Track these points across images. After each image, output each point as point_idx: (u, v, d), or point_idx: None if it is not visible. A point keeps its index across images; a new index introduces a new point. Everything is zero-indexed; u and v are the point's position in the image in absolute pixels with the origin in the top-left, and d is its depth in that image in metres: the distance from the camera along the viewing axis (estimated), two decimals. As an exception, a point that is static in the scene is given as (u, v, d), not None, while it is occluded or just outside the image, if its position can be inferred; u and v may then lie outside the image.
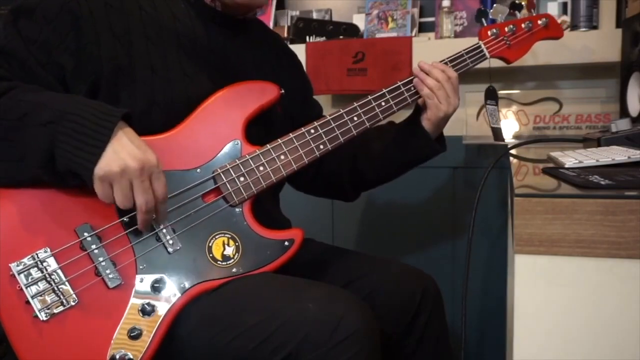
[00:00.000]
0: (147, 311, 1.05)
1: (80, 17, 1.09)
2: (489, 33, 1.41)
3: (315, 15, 2.26)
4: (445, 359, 1.33)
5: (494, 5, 1.62)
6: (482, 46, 1.39)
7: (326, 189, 1.52)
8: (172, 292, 1.07)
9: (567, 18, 1.86)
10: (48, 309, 1.02)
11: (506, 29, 1.42)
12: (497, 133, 1.60)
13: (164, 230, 1.09)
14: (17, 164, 1.02)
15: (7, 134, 1.01)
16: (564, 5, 1.90)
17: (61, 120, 0.98)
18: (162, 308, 1.05)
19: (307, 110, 1.44)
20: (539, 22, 1.45)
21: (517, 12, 1.69)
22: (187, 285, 1.08)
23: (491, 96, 1.62)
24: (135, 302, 1.05)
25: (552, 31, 1.47)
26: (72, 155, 0.97)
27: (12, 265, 1.02)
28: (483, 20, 1.61)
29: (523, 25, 1.44)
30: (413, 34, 2.08)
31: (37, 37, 1.07)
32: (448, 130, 1.84)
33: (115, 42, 1.11)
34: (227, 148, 1.15)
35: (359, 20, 2.17)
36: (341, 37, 2.11)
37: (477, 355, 2.06)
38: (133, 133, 1.02)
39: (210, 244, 1.11)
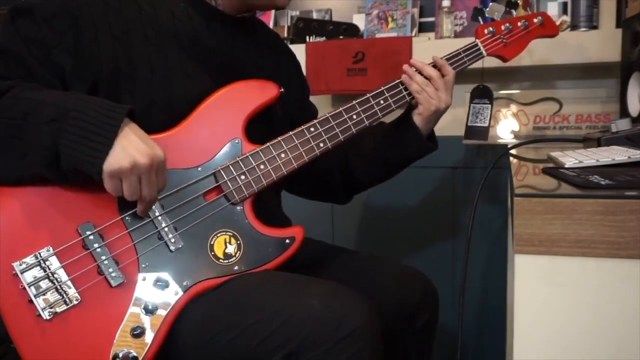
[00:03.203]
0: (149, 309, 1.05)
1: (78, 17, 1.09)
2: (486, 31, 1.42)
3: (315, 15, 2.26)
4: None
5: (491, 4, 1.62)
6: (479, 44, 1.40)
7: (317, 191, 1.52)
8: (174, 291, 1.07)
9: (567, 18, 1.87)
10: (51, 307, 1.02)
11: (502, 27, 1.43)
12: (475, 131, 1.61)
13: (166, 229, 1.09)
14: (19, 161, 1.02)
15: (10, 133, 1.01)
16: (564, 5, 1.90)
17: (65, 118, 0.97)
18: (165, 306, 1.06)
19: (304, 112, 1.45)
20: (535, 20, 1.46)
21: (513, 10, 1.70)
22: (189, 283, 1.08)
23: (482, 95, 1.63)
24: (137, 300, 1.05)
25: (548, 29, 1.48)
26: (78, 152, 0.97)
27: (15, 265, 1.03)
28: (480, 18, 1.62)
29: (519, 24, 1.44)
30: (413, 34, 2.08)
31: (35, 36, 1.07)
32: (448, 130, 1.85)
33: (114, 42, 1.11)
34: (227, 146, 1.16)
35: (359, 20, 2.17)
36: (341, 37, 2.11)
37: (477, 355, 2.07)
38: (138, 129, 1.02)
39: (211, 242, 1.11)
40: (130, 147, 0.98)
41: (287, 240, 1.15)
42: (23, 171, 1.03)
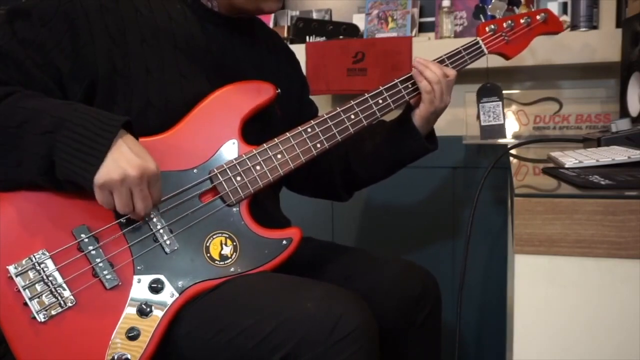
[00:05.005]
0: (145, 312, 1.04)
1: (75, 18, 1.09)
2: (487, 29, 1.40)
3: (315, 15, 2.26)
4: (438, 355, 1.34)
5: (492, 1, 1.61)
6: (480, 42, 1.38)
7: (318, 189, 1.52)
8: (170, 293, 1.06)
9: (567, 18, 1.86)
10: (46, 310, 1.02)
11: (504, 24, 1.41)
12: (492, 130, 1.59)
13: (161, 231, 1.08)
14: (15, 169, 1.02)
15: (6, 141, 1.01)
16: (564, 5, 1.90)
17: (60, 129, 0.98)
18: (160, 308, 1.05)
19: (304, 110, 1.44)
20: (538, 17, 1.44)
21: (515, 7, 1.69)
22: (184, 285, 1.07)
23: (490, 93, 1.61)
24: (133, 302, 1.05)
25: (551, 26, 1.46)
26: (70, 164, 0.97)
27: (10, 268, 1.02)
28: (481, 16, 1.60)
29: (521, 21, 1.43)
30: (413, 34, 2.07)
31: (33, 39, 1.07)
32: (448, 131, 1.84)
33: (111, 43, 1.11)
34: (223, 148, 1.15)
35: (359, 20, 2.16)
36: (341, 37, 2.11)
37: (477, 355, 2.06)
38: (133, 140, 1.02)
39: (207, 244, 1.11)
40: (121, 159, 0.98)
41: (284, 242, 1.15)
42: (19, 178, 1.03)
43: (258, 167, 1.16)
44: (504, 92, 1.91)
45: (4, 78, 1.07)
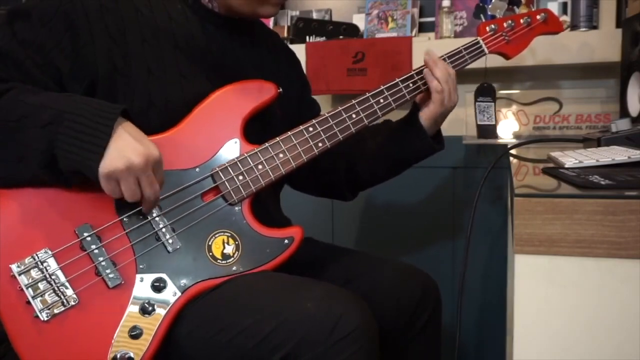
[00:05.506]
0: (147, 310, 1.05)
1: (75, 18, 1.09)
2: (488, 29, 1.40)
3: (315, 15, 2.26)
4: (438, 358, 1.34)
5: (493, 0, 1.62)
6: (481, 42, 1.38)
7: (322, 188, 1.52)
8: (172, 291, 1.07)
9: (567, 18, 1.87)
10: (49, 309, 1.02)
11: (505, 24, 1.41)
12: (486, 130, 1.60)
13: (164, 230, 1.09)
14: (16, 165, 1.02)
15: (6, 136, 1.01)
16: (564, 5, 1.90)
17: (60, 121, 0.98)
18: (163, 307, 1.05)
19: (305, 110, 1.44)
20: (538, 17, 1.44)
21: (515, 7, 1.69)
22: (187, 284, 1.08)
23: (486, 93, 1.62)
24: (135, 301, 1.05)
25: (551, 26, 1.46)
26: (74, 155, 0.97)
27: (13, 266, 1.02)
28: (482, 16, 1.61)
29: (522, 21, 1.43)
30: (413, 34, 2.08)
31: (33, 39, 1.07)
32: (448, 130, 1.84)
33: (111, 43, 1.11)
34: (225, 147, 1.15)
35: (359, 20, 2.17)
36: (341, 37, 2.11)
37: (477, 355, 2.06)
38: (133, 127, 1.02)
39: (209, 243, 1.11)
40: (126, 148, 0.98)
41: (286, 241, 1.15)
42: (21, 174, 1.04)
43: (260, 166, 1.16)
44: (504, 92, 1.93)
45: (4, 77, 1.07)
